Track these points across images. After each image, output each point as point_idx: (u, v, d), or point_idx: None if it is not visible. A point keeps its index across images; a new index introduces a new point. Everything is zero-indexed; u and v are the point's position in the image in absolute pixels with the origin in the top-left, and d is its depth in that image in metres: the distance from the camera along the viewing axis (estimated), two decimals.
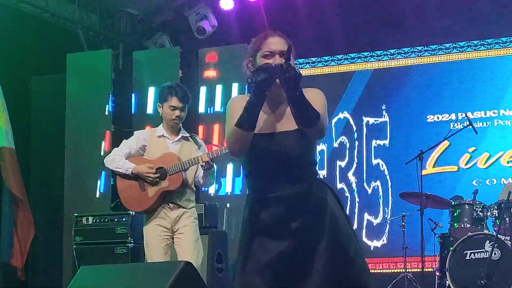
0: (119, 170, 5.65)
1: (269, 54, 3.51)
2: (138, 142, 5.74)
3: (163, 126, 5.74)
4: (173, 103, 5.62)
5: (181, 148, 5.68)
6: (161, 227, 5.57)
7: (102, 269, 4.74)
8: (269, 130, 3.49)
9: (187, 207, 5.61)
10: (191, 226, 5.60)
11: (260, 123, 3.47)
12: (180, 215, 5.58)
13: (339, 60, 9.68)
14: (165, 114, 5.68)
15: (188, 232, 5.57)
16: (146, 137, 5.75)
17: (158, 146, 5.69)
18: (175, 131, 5.73)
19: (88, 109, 9.79)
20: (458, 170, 9.03)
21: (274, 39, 3.54)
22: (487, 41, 9.13)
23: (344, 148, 9.45)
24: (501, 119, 8.96)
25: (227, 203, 8.79)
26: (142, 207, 5.66)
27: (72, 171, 9.68)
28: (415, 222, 7.52)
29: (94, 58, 10.02)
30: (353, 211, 9.23)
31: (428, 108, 9.23)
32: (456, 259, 7.08)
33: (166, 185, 5.57)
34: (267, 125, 3.50)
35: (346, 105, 9.48)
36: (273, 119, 3.51)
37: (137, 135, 5.81)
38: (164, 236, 5.57)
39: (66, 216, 9.38)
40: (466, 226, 7.34)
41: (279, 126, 3.49)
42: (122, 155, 5.68)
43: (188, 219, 5.60)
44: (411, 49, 9.41)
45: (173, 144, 5.69)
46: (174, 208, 5.58)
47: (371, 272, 3.63)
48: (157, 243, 5.55)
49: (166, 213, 5.58)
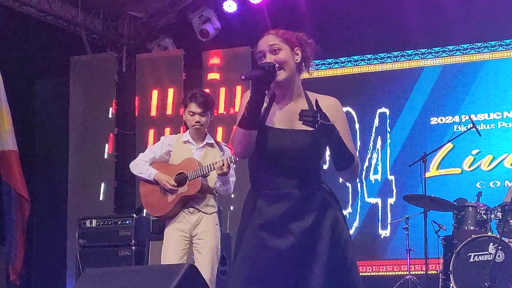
0: (142, 175, 5.74)
1: (260, 55, 3.49)
2: (163, 148, 5.80)
3: (189, 132, 5.79)
4: (192, 109, 5.66)
5: (205, 154, 5.71)
6: (180, 231, 5.59)
7: (105, 271, 4.75)
8: (283, 126, 3.44)
9: (208, 213, 5.63)
10: (211, 232, 5.61)
11: (274, 116, 3.45)
12: (200, 220, 5.60)
13: (342, 63, 9.68)
14: (187, 120, 5.73)
15: (207, 238, 5.59)
16: (171, 143, 5.80)
17: (182, 152, 5.73)
18: (200, 137, 5.76)
19: (91, 112, 9.81)
20: (462, 173, 9.02)
21: (263, 39, 3.51)
22: (490, 43, 9.12)
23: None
24: (504, 121, 8.95)
25: (231, 206, 8.78)
26: (162, 212, 5.72)
27: (76, 173, 9.70)
28: (419, 225, 7.52)
29: (98, 61, 10.05)
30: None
31: (431, 110, 9.22)
32: (460, 262, 7.08)
33: (185, 190, 5.60)
34: (282, 120, 3.45)
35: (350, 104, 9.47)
36: (288, 115, 3.46)
37: (162, 141, 5.88)
38: (182, 240, 5.59)
39: (69, 219, 9.40)
40: (470, 228, 7.33)
41: (294, 123, 3.42)
42: (147, 160, 5.75)
43: (208, 225, 5.61)
44: (414, 52, 9.40)
45: (198, 150, 5.72)
46: (194, 212, 5.61)
47: (376, 274, 3.61)
48: (174, 247, 5.58)
49: (186, 217, 5.61)
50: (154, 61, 10.09)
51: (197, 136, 5.75)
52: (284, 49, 3.47)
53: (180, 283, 3.91)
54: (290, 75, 3.46)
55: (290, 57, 3.48)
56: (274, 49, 3.46)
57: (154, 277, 4.25)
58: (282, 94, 3.49)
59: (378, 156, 9.32)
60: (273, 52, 3.46)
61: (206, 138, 5.79)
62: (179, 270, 4.03)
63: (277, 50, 3.46)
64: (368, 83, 9.51)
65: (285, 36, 3.51)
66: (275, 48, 3.46)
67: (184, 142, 5.76)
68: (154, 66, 10.00)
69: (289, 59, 3.47)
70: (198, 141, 5.75)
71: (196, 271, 4.17)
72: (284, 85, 3.47)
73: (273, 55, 3.45)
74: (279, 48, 3.46)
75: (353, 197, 9.31)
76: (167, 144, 5.80)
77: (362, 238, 9.12)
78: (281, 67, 3.42)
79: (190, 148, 5.73)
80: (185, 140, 5.76)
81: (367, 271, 9.04)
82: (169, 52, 10.15)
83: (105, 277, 4.42)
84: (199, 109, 5.65)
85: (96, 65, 9.98)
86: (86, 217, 8.15)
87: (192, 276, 4.06)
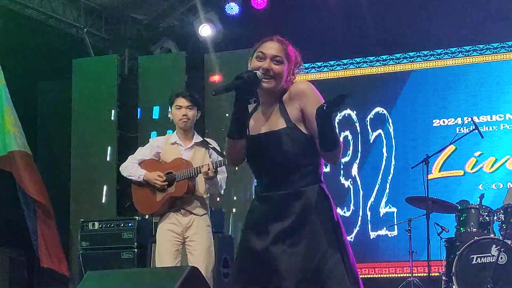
0: (132, 177, 5.76)
1: (261, 56, 3.54)
2: (152, 150, 5.82)
3: (176, 133, 5.78)
4: (179, 103, 5.68)
5: (193, 155, 5.71)
6: (172, 232, 5.60)
7: (108, 274, 4.75)
8: (260, 130, 3.53)
9: (199, 214, 5.64)
10: (203, 234, 5.62)
11: (253, 124, 3.55)
12: (192, 221, 5.61)
13: (344, 65, 9.68)
14: (174, 117, 5.73)
15: (200, 240, 5.60)
16: (160, 144, 5.81)
17: (171, 153, 5.73)
18: (188, 136, 5.75)
19: (94, 114, 9.81)
20: (464, 175, 9.02)
21: (271, 43, 3.56)
22: (493, 45, 9.12)
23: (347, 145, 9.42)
24: (507, 123, 8.95)
25: (233, 208, 8.79)
26: (150, 210, 5.80)
27: (78, 176, 9.70)
28: (421, 227, 7.51)
29: (100, 63, 10.05)
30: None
31: (434, 112, 9.22)
32: (462, 264, 7.07)
33: (172, 190, 5.62)
34: (259, 125, 3.55)
35: (352, 106, 9.47)
36: (264, 119, 3.55)
37: (151, 143, 5.90)
38: (175, 242, 5.60)
39: (72, 221, 9.40)
40: (473, 230, 7.32)
41: (269, 125, 3.52)
42: (136, 162, 5.77)
43: (200, 227, 5.62)
44: (416, 53, 9.40)
45: (186, 150, 5.72)
46: (186, 214, 5.61)
47: (378, 276, 3.60)
48: (167, 248, 5.59)
49: (178, 219, 5.62)
50: (156, 64, 10.09)
51: (185, 136, 5.74)
52: (284, 64, 3.54)
53: (182, 285, 3.91)
54: (276, 87, 3.54)
55: (285, 73, 3.55)
56: (276, 60, 3.53)
57: (157, 279, 4.25)
58: (264, 103, 3.57)
59: (382, 159, 9.32)
60: (274, 62, 3.53)
61: (194, 137, 5.77)
62: (181, 273, 4.03)
63: (278, 62, 3.53)
64: (370, 85, 9.52)
65: (290, 52, 3.58)
66: (277, 60, 3.53)
67: (172, 143, 5.76)
68: (157, 69, 10.00)
69: (284, 74, 3.54)
70: (186, 141, 5.74)
71: (198, 273, 4.17)
72: (267, 93, 3.55)
73: (273, 64, 3.52)
74: (281, 61, 3.54)
75: (354, 199, 9.31)
76: (156, 146, 5.81)
77: (362, 239, 9.12)
78: (273, 77, 3.50)
79: (179, 149, 5.72)
80: (172, 142, 5.76)
81: (370, 273, 9.04)
82: (171, 55, 10.16)
83: (107, 280, 4.42)
84: (187, 102, 5.66)
85: (98, 67, 9.98)
86: (89, 220, 8.16)
87: (194, 278, 4.06)
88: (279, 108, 3.53)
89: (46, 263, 8.86)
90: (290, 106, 3.51)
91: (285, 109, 3.52)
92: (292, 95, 3.52)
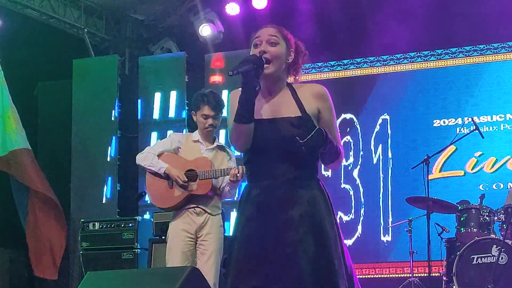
0: (152, 168, 5.65)
1: (258, 43, 3.51)
2: (173, 143, 5.74)
3: (198, 132, 5.76)
4: (205, 112, 5.63)
5: (214, 156, 5.68)
6: (186, 232, 5.56)
7: (108, 274, 4.75)
8: (270, 116, 3.47)
9: (213, 214, 5.62)
10: (215, 234, 5.60)
11: (261, 108, 3.48)
12: (206, 221, 5.58)
13: (345, 65, 9.68)
14: (199, 123, 5.70)
15: (212, 240, 5.57)
16: (181, 140, 5.76)
17: (192, 151, 5.70)
18: (210, 139, 5.74)
19: (94, 114, 9.81)
20: (465, 175, 9.01)
21: (266, 28, 3.55)
22: (493, 45, 9.12)
23: (348, 149, 9.43)
24: (507, 123, 8.95)
25: (234, 208, 8.78)
26: (166, 204, 5.69)
27: (78, 176, 9.70)
28: (422, 227, 7.50)
29: (100, 63, 10.05)
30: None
31: (434, 112, 9.21)
32: (463, 264, 7.06)
33: (194, 188, 5.57)
34: (268, 110, 3.49)
35: (352, 107, 9.47)
36: (274, 105, 3.50)
37: (173, 137, 5.84)
38: (188, 242, 5.56)
39: (72, 222, 9.40)
40: (473, 230, 7.31)
41: (280, 111, 3.47)
42: (155, 153, 5.69)
43: (213, 227, 5.60)
44: (417, 54, 9.40)
45: (207, 151, 5.69)
46: (201, 213, 5.58)
47: (379, 276, 3.59)
48: (179, 248, 5.54)
49: (192, 219, 5.57)
50: (156, 64, 10.10)
51: (207, 137, 5.73)
52: (281, 44, 3.51)
53: (182, 285, 3.92)
54: (277, 71, 3.49)
55: (283, 54, 3.51)
56: (272, 41, 3.49)
57: (157, 279, 4.25)
58: (267, 88, 3.52)
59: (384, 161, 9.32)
60: (270, 43, 3.49)
61: (216, 140, 5.78)
62: (181, 273, 4.03)
63: (274, 42, 3.49)
64: (370, 85, 9.51)
65: (285, 34, 3.55)
66: (272, 40, 3.50)
67: (194, 141, 5.73)
68: (157, 69, 10.01)
69: (282, 56, 3.50)
70: (208, 142, 5.73)
71: (199, 273, 4.18)
72: (269, 79, 3.49)
73: (269, 46, 3.48)
74: (277, 42, 3.50)
75: (355, 201, 9.31)
76: (177, 141, 5.75)
77: (364, 240, 9.12)
78: (270, 60, 3.45)
79: (200, 148, 5.70)
80: (195, 140, 5.73)
81: (370, 273, 9.04)
82: (171, 55, 10.16)
83: (108, 280, 4.43)
84: (213, 112, 5.63)
85: (99, 67, 9.98)
86: (89, 220, 8.16)
87: (194, 278, 4.06)
88: (292, 96, 3.49)
89: (37, 271, 8.85)
90: (306, 100, 3.49)
91: (300, 100, 3.48)
92: (311, 92, 3.50)
